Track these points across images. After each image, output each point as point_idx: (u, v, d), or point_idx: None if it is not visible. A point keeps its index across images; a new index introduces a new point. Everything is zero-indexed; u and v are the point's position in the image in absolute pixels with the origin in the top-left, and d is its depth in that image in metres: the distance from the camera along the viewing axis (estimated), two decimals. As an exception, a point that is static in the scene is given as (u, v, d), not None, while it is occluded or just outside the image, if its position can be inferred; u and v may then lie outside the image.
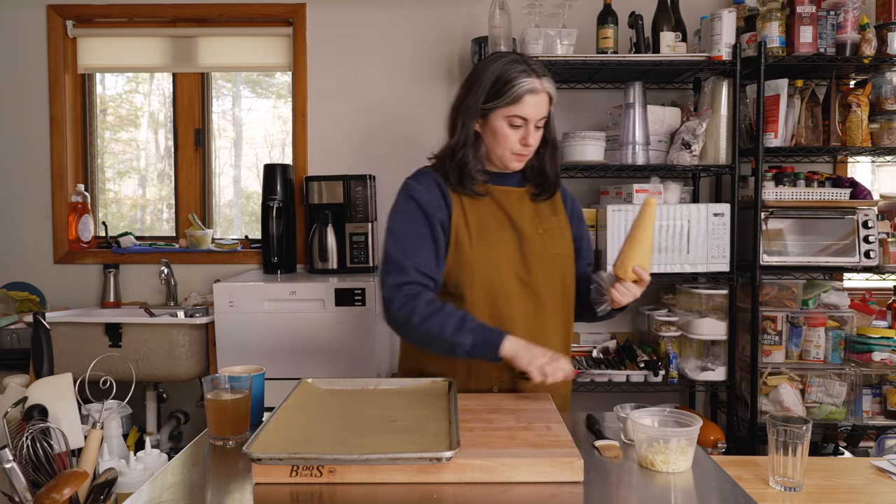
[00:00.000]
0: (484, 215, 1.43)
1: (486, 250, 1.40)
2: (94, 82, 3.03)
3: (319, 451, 0.98)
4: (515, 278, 1.41)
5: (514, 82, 1.36)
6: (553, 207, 1.51)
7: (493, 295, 1.40)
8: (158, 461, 1.90)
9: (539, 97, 1.37)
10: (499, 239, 1.42)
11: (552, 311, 1.45)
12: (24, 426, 1.20)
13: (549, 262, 1.44)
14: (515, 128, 1.39)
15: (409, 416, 1.16)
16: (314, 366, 2.33)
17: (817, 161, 2.79)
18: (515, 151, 1.40)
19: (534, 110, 1.37)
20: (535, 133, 1.40)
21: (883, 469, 1.34)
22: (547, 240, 1.45)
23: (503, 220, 1.44)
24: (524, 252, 1.42)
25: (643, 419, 1.13)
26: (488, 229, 1.42)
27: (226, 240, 2.97)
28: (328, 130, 2.86)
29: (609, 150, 2.50)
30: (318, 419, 1.15)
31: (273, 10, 2.84)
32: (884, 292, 2.78)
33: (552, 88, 1.40)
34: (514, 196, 1.47)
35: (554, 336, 1.45)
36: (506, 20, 2.41)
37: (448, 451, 0.95)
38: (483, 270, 1.39)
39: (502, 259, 1.41)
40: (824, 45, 2.35)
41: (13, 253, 2.88)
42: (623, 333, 2.80)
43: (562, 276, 1.46)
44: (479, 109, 1.40)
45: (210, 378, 1.21)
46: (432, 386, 1.34)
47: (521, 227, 1.44)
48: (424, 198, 1.40)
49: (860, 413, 2.40)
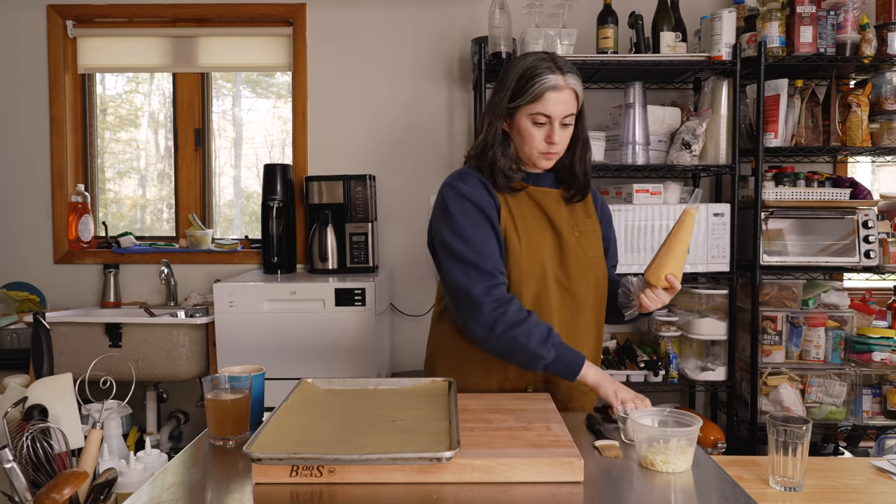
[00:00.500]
0: (527, 215, 1.42)
1: (532, 250, 1.39)
2: (94, 82, 3.03)
3: (320, 451, 0.98)
4: (555, 280, 1.40)
5: (536, 80, 1.34)
6: (586, 210, 1.50)
7: (536, 296, 1.39)
8: (158, 461, 1.90)
9: (562, 94, 1.35)
10: (542, 239, 1.41)
11: (587, 315, 1.44)
12: (24, 426, 1.20)
13: (585, 264, 1.43)
14: (540, 125, 1.37)
15: (409, 416, 1.16)
16: (314, 366, 2.33)
17: (817, 161, 2.79)
18: (542, 150, 1.38)
19: (556, 107, 1.35)
20: (562, 131, 1.38)
21: (883, 469, 1.34)
22: (584, 242, 1.44)
23: (543, 221, 1.43)
24: (563, 254, 1.41)
25: (643, 419, 1.13)
26: (533, 229, 1.41)
27: (226, 240, 2.97)
28: (328, 130, 2.86)
29: (609, 150, 2.50)
30: (318, 419, 1.15)
31: (273, 10, 2.84)
32: (884, 292, 2.78)
33: (578, 85, 1.37)
34: (552, 197, 1.45)
35: (587, 339, 1.44)
36: (506, 20, 2.41)
37: (448, 451, 0.95)
38: (530, 271, 1.38)
39: (546, 260, 1.40)
40: (824, 45, 2.35)
41: (13, 253, 2.88)
42: (623, 333, 2.80)
43: (596, 280, 1.45)
44: (506, 108, 1.39)
45: (210, 378, 1.21)
46: (432, 386, 1.34)
47: (559, 228, 1.42)
48: (477, 196, 1.38)
49: (860, 413, 2.40)
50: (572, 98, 1.37)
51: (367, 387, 1.34)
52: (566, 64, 1.38)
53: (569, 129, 1.40)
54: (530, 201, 1.43)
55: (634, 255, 2.37)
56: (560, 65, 1.36)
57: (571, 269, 1.41)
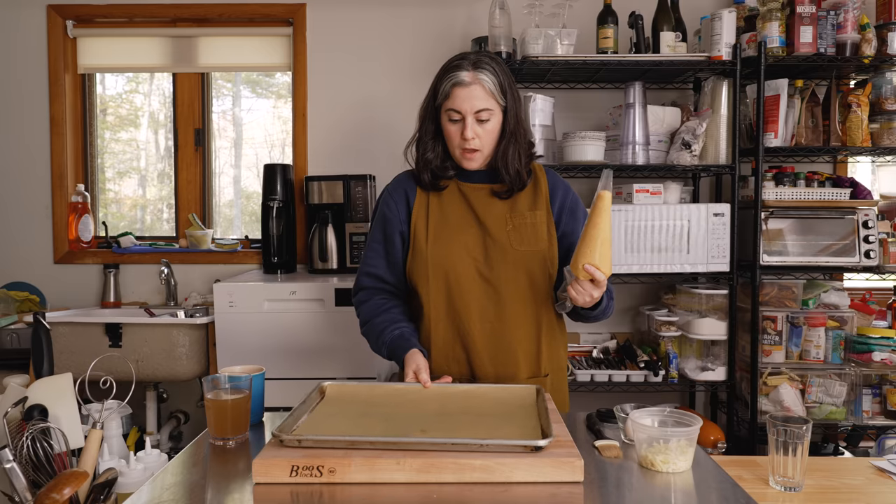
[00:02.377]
0: (448, 213, 1.46)
1: (444, 247, 1.44)
2: (94, 82, 3.03)
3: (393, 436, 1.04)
4: (476, 274, 1.43)
5: (446, 77, 1.39)
6: (534, 202, 1.48)
7: (448, 290, 1.43)
8: (158, 461, 1.90)
9: (468, 89, 1.37)
10: (460, 235, 1.44)
11: (514, 305, 1.45)
12: (24, 426, 1.20)
13: (512, 257, 1.44)
14: (455, 122, 1.40)
15: (485, 413, 1.18)
16: (314, 366, 2.33)
17: (817, 161, 2.79)
18: (461, 147, 1.41)
19: (465, 103, 1.37)
20: (477, 126, 1.39)
21: (883, 469, 1.34)
22: (513, 236, 1.44)
23: (468, 218, 1.46)
24: (487, 248, 1.44)
25: (643, 419, 1.13)
26: (450, 226, 1.45)
27: (226, 240, 2.97)
28: (328, 130, 2.86)
29: (609, 150, 2.50)
30: (364, 417, 1.16)
31: (273, 10, 2.84)
32: (884, 292, 2.78)
33: (490, 79, 1.38)
34: (482, 193, 1.48)
35: (517, 330, 1.45)
36: (506, 20, 2.41)
37: (543, 440, 0.99)
38: (438, 266, 1.43)
39: (462, 255, 1.43)
40: (824, 45, 2.35)
41: (13, 253, 2.88)
42: (623, 333, 2.80)
43: (528, 273, 1.44)
44: (433, 108, 1.44)
45: (210, 378, 1.21)
46: (513, 392, 1.31)
47: (486, 223, 1.45)
48: (385, 206, 1.52)
49: (860, 413, 2.40)
50: (482, 92, 1.38)
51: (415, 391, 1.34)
52: (483, 60, 1.39)
53: (487, 125, 1.40)
54: (459, 197, 1.47)
55: (634, 255, 2.37)
56: (474, 60, 1.39)
57: (495, 261, 1.43)
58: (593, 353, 2.69)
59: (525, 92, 2.57)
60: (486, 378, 1.44)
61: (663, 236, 2.37)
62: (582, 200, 1.57)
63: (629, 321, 2.83)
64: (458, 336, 1.45)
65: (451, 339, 1.45)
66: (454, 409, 1.21)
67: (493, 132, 1.42)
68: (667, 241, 2.37)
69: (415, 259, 1.46)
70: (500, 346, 1.44)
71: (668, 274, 2.40)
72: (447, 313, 1.45)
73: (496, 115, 1.41)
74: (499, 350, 1.44)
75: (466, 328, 1.44)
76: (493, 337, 1.44)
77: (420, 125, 1.48)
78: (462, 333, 1.44)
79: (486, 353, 1.44)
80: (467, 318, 1.43)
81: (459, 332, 1.45)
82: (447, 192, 1.49)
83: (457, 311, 1.44)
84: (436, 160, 1.46)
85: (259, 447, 1.13)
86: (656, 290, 2.80)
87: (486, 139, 1.41)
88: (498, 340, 1.44)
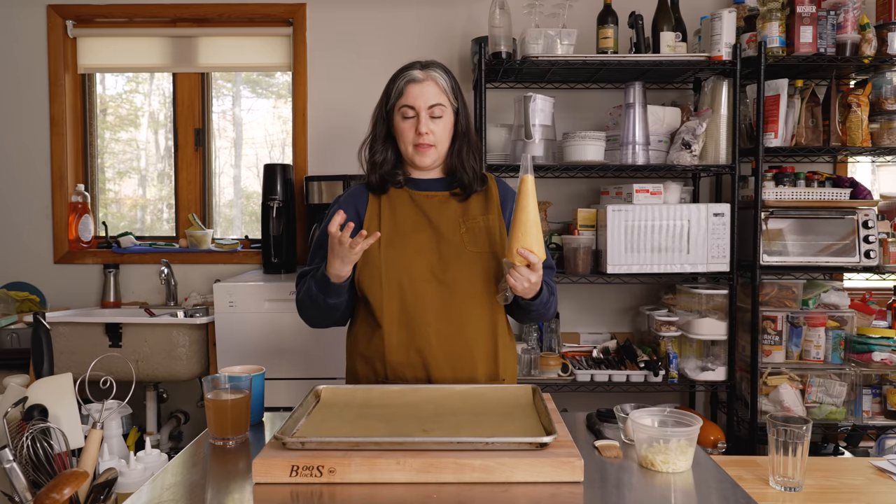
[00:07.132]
0: (400, 218, 1.48)
1: (397, 250, 1.45)
2: (94, 82, 3.03)
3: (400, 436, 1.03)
4: (430, 276, 1.44)
5: (399, 77, 1.47)
6: (486, 206, 1.51)
7: (401, 293, 1.43)
8: (158, 461, 1.90)
9: (422, 86, 1.44)
10: (412, 240, 1.46)
11: (471, 306, 1.45)
12: (24, 426, 1.20)
13: (466, 259, 1.45)
14: (408, 119, 1.46)
15: (486, 413, 1.18)
16: (314, 366, 2.33)
17: (817, 161, 2.79)
18: (414, 143, 1.46)
19: (418, 98, 1.44)
20: (431, 122, 1.45)
21: (883, 469, 1.34)
22: (467, 237, 1.47)
23: (421, 223, 1.48)
24: (441, 249, 1.45)
25: (643, 419, 1.13)
26: (403, 230, 1.47)
27: (226, 240, 2.97)
28: (328, 130, 2.86)
29: (609, 150, 2.50)
30: (363, 418, 1.16)
31: (273, 10, 2.84)
32: (884, 292, 2.78)
33: (442, 78, 1.47)
34: (437, 199, 1.51)
35: (473, 331, 1.45)
36: (506, 20, 2.41)
37: (547, 437, 0.99)
38: (390, 270, 1.43)
39: (414, 258, 1.44)
40: (824, 45, 2.35)
41: (13, 253, 2.88)
42: (623, 333, 2.80)
43: (483, 273, 1.46)
44: (385, 112, 1.50)
45: (210, 378, 1.21)
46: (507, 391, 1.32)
47: (440, 226, 1.47)
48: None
49: (860, 413, 2.40)
50: (435, 89, 1.45)
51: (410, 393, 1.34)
52: (434, 63, 1.49)
53: (440, 122, 1.46)
54: (412, 205, 1.50)
55: (634, 255, 2.37)
56: (425, 63, 1.49)
57: (449, 262, 1.45)
58: (593, 353, 2.69)
59: (525, 92, 2.57)
60: (444, 382, 1.42)
61: (663, 236, 2.37)
62: (583, 201, 1.58)
63: (629, 321, 2.83)
64: (413, 340, 1.42)
65: (405, 344, 1.42)
66: (452, 409, 1.21)
67: (447, 129, 1.48)
68: (667, 241, 2.37)
69: (365, 266, 1.44)
70: (456, 346, 1.43)
71: (668, 274, 2.40)
72: (401, 317, 1.42)
73: (448, 114, 1.47)
74: (455, 351, 1.43)
75: (422, 331, 1.41)
76: (449, 338, 1.42)
77: (372, 128, 1.53)
78: (417, 337, 1.42)
79: (442, 355, 1.42)
80: (422, 321, 1.41)
81: (414, 336, 1.42)
82: (399, 199, 1.51)
83: (411, 314, 1.42)
84: (386, 165, 1.51)
85: (259, 447, 1.13)
86: (656, 290, 2.80)
87: (441, 135, 1.47)
88: (454, 341, 1.42)
